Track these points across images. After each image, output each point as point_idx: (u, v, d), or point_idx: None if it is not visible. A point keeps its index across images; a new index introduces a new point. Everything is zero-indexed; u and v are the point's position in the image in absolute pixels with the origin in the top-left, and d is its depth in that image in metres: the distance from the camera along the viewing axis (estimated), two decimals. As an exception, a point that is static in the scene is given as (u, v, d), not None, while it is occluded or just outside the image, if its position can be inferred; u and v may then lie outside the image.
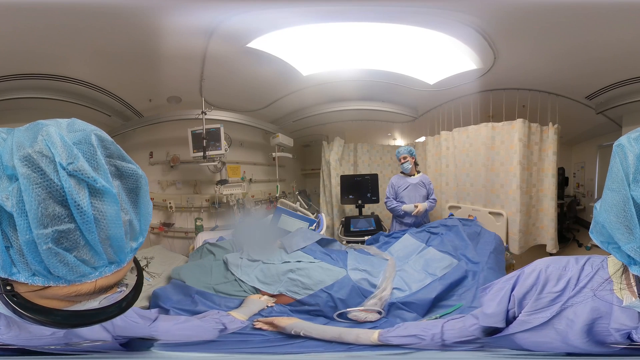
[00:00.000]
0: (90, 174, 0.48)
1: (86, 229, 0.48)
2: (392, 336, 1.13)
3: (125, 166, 0.55)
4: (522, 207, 2.44)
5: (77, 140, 0.50)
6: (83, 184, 0.48)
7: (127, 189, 0.55)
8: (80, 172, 0.47)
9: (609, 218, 0.50)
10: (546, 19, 1.84)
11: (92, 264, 0.51)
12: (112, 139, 0.56)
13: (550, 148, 2.50)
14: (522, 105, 2.54)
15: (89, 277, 0.51)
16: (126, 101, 2.46)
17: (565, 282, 0.77)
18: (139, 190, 0.57)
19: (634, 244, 0.48)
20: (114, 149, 0.55)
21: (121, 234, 0.52)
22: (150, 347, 1.03)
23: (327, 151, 3.03)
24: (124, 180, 0.55)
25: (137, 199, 0.56)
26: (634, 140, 0.49)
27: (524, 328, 0.80)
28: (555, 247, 2.51)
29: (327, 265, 1.81)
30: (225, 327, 1.37)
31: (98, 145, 0.52)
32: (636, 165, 0.46)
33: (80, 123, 0.54)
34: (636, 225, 0.47)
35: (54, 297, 0.51)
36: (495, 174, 2.58)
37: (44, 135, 0.49)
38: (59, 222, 0.47)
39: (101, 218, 0.49)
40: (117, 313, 0.55)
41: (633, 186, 0.46)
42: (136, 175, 0.56)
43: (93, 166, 0.50)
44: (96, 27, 1.83)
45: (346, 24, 2.08)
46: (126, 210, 0.54)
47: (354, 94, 2.75)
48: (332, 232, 2.89)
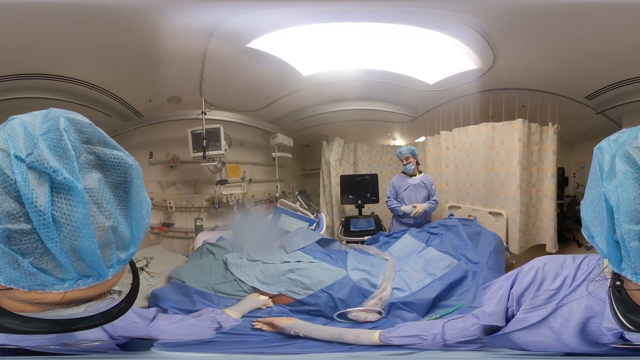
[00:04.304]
0: (49, 163, 0.40)
1: (44, 234, 0.40)
2: (393, 336, 1.13)
3: (108, 154, 0.45)
4: (522, 207, 2.44)
5: (47, 129, 0.43)
6: (45, 177, 0.40)
7: (112, 183, 0.45)
8: (38, 162, 0.40)
9: (586, 213, 0.57)
10: (546, 18, 1.84)
11: (57, 274, 0.43)
12: (90, 122, 0.46)
13: (550, 148, 2.50)
14: (522, 105, 2.54)
15: (54, 287, 0.43)
16: (126, 101, 2.46)
17: (562, 280, 0.78)
18: (129, 185, 0.46)
19: (602, 236, 0.53)
20: (92, 132, 0.45)
21: (93, 247, 0.42)
22: (150, 347, 1.02)
23: (327, 151, 3.03)
24: (108, 172, 0.45)
25: (127, 197, 0.46)
26: (613, 142, 0.54)
27: (521, 326, 0.81)
28: (555, 247, 2.51)
29: (327, 265, 1.81)
30: (221, 326, 1.37)
31: (68, 129, 0.43)
32: (610, 164, 0.51)
33: (55, 111, 0.46)
34: (604, 219, 0.52)
35: (17, 299, 0.44)
36: (495, 174, 2.57)
37: (6, 128, 0.43)
38: (12, 219, 0.40)
39: (65, 222, 0.40)
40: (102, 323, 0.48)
41: (605, 183, 0.52)
42: (124, 165, 0.46)
43: (58, 154, 0.41)
44: (96, 27, 1.83)
45: (346, 24, 2.08)
46: (109, 212, 0.44)
47: (354, 94, 2.75)
48: (332, 232, 2.89)
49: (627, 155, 0.50)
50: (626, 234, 0.49)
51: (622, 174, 0.49)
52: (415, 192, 2.65)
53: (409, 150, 2.67)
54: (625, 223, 0.49)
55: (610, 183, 0.51)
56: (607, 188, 0.51)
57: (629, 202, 0.48)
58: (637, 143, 0.50)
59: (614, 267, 0.53)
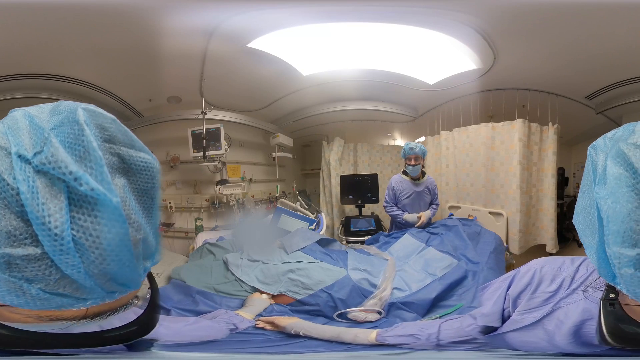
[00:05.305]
0: (68, 166, 0.30)
1: (61, 261, 0.30)
2: (390, 336, 1.13)
3: (134, 156, 0.37)
4: (522, 207, 2.44)
5: (59, 123, 0.33)
6: (59, 185, 0.30)
7: (138, 190, 0.37)
8: (51, 164, 0.30)
9: (578, 221, 0.47)
10: (546, 18, 1.84)
11: (78, 295, 0.34)
12: (114, 117, 0.38)
13: (550, 148, 2.50)
14: (522, 105, 2.54)
15: (74, 306, 0.34)
16: (126, 101, 2.46)
17: (559, 283, 0.77)
18: (155, 191, 0.39)
19: (593, 248, 0.43)
20: (116, 129, 0.37)
21: (131, 267, 0.34)
22: (150, 347, 1.02)
23: (327, 151, 3.03)
24: (133, 177, 0.37)
25: (152, 204, 0.39)
26: (609, 139, 0.44)
27: (515, 327, 0.80)
28: (555, 247, 2.51)
29: (327, 265, 1.81)
30: (236, 327, 1.38)
31: (88, 124, 0.34)
32: (604, 165, 0.41)
33: (67, 103, 0.36)
34: (595, 229, 0.42)
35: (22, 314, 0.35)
36: (495, 174, 2.58)
37: (6, 121, 0.34)
38: (14, 242, 0.30)
39: (92, 246, 0.31)
40: (141, 333, 0.40)
41: (597, 188, 0.41)
42: (151, 170, 0.38)
43: (78, 154, 0.32)
44: (96, 27, 1.83)
45: (346, 24, 2.08)
46: (138, 224, 0.35)
47: (354, 94, 2.75)
48: (332, 232, 2.89)
49: (620, 155, 0.39)
50: (616, 258, 0.38)
51: (614, 179, 0.38)
52: (419, 200, 2.43)
53: (421, 151, 2.35)
54: (615, 245, 0.38)
55: (603, 188, 0.41)
56: (599, 194, 0.41)
57: (621, 219, 0.37)
58: (633, 139, 0.39)
59: (607, 281, 0.44)
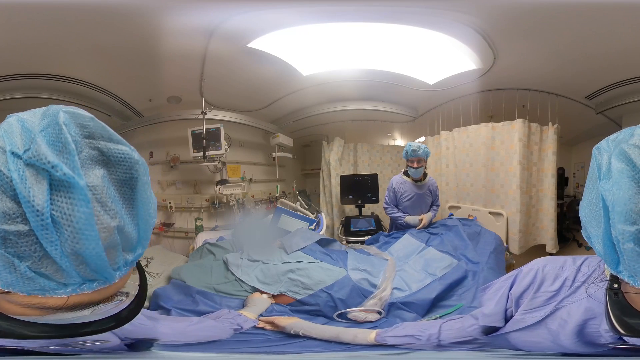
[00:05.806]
0: (47, 158, 0.38)
1: (43, 236, 0.38)
2: (389, 336, 1.13)
3: (112, 148, 0.42)
4: (522, 207, 2.44)
5: (46, 125, 0.40)
6: (43, 174, 0.38)
7: (117, 180, 0.42)
8: (36, 157, 0.38)
9: (584, 214, 0.56)
10: (546, 18, 1.84)
11: (58, 279, 0.40)
12: (93, 116, 0.44)
13: (550, 148, 2.50)
14: (522, 105, 2.54)
15: (55, 292, 0.41)
16: (126, 101, 2.46)
17: (562, 282, 0.77)
18: (135, 181, 0.44)
19: (599, 237, 0.52)
20: (94, 126, 0.42)
21: (97, 250, 0.39)
22: (150, 347, 1.02)
23: (327, 151, 3.03)
24: (113, 168, 0.42)
25: (133, 194, 0.44)
26: (612, 141, 0.53)
27: (518, 327, 0.81)
28: (555, 247, 2.51)
29: (327, 265, 1.81)
30: (241, 327, 1.38)
31: (68, 124, 0.41)
32: (608, 164, 0.50)
33: (54, 107, 0.43)
34: (601, 219, 0.51)
35: (16, 303, 0.42)
36: (495, 174, 2.57)
37: (2, 125, 0.41)
38: (8, 220, 0.37)
39: (66, 223, 0.38)
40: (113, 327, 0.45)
41: (602, 183, 0.50)
42: (129, 161, 0.43)
43: (57, 149, 0.39)
44: (96, 27, 1.83)
45: (346, 24, 2.08)
46: (114, 211, 0.41)
47: (354, 94, 2.75)
48: (332, 232, 2.89)
49: (623, 153, 0.48)
50: (620, 234, 0.47)
51: (618, 172, 0.48)
52: (421, 202, 2.43)
53: (425, 153, 2.33)
54: (619, 223, 0.47)
55: (607, 183, 0.50)
56: (604, 188, 0.50)
57: (624, 202, 0.47)
58: (633, 140, 0.49)
59: (611, 269, 0.52)
